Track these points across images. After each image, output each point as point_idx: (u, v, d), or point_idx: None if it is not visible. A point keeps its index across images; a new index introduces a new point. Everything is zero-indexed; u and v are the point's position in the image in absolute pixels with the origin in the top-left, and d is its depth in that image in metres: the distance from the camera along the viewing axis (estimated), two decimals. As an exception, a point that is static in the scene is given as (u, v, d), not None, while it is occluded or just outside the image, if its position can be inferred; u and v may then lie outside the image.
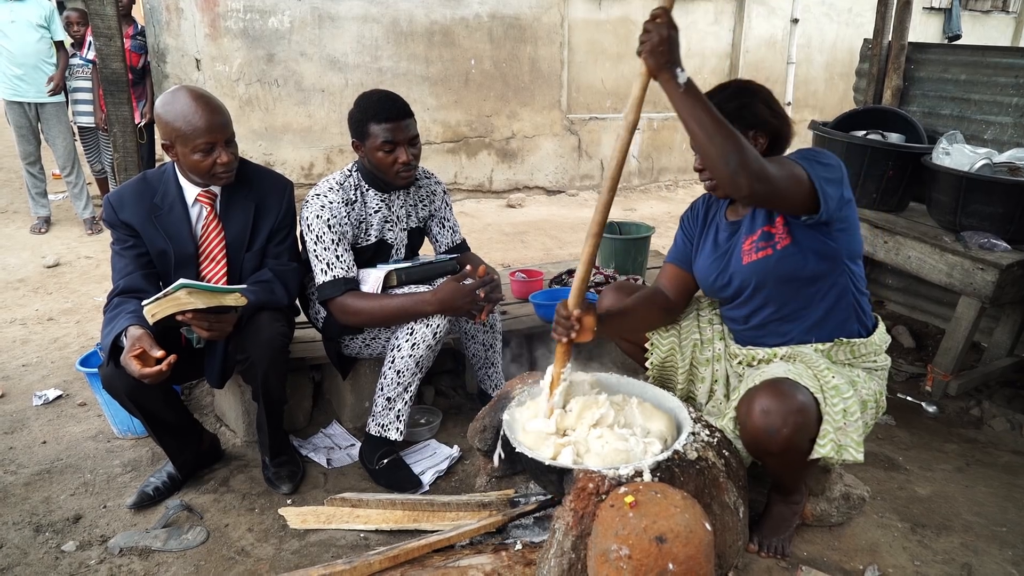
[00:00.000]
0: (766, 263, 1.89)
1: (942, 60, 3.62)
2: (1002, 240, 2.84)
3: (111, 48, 2.61)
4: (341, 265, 2.27)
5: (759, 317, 2.00)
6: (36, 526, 2.15)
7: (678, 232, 2.21)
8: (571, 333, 1.86)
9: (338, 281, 2.26)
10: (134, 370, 1.89)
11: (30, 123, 5.30)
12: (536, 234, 5.80)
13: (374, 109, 2.25)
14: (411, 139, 2.30)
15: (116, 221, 2.15)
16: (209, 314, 1.98)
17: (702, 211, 2.15)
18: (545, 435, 1.85)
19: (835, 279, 1.91)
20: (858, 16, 8.22)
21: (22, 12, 5.09)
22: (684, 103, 1.61)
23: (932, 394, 3.05)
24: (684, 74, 1.61)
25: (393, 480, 2.33)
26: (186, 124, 2.04)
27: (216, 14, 5.62)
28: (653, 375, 2.22)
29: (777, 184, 1.67)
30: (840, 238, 1.86)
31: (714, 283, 2.05)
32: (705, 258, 2.08)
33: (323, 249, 2.26)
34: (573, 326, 1.86)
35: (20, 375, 3.20)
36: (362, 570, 1.80)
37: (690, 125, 1.63)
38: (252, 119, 5.94)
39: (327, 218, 2.27)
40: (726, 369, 2.15)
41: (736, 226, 2.00)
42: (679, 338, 2.18)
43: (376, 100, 2.27)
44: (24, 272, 4.63)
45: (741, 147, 1.61)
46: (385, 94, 2.30)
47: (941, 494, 2.35)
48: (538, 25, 6.72)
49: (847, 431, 1.76)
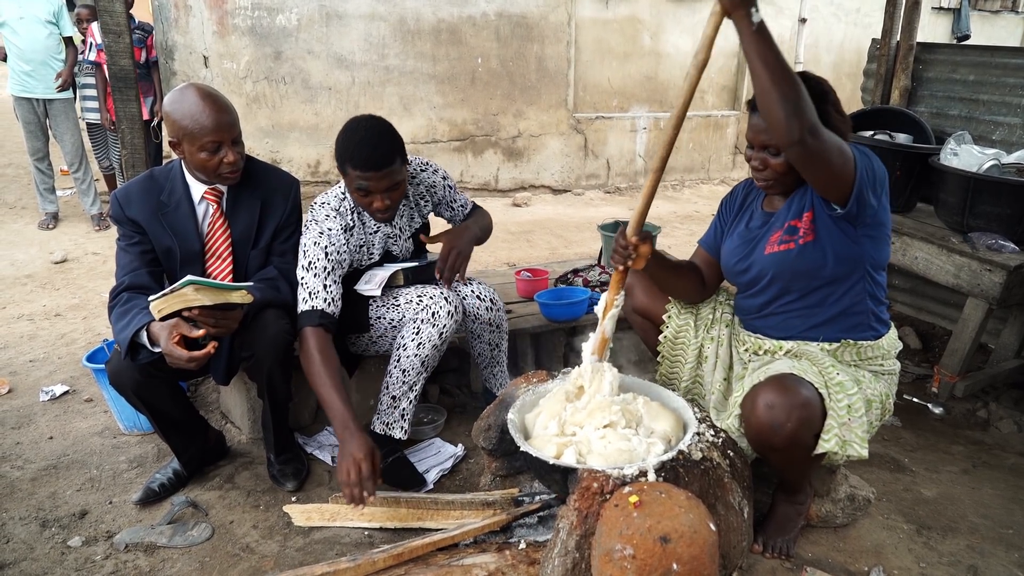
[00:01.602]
0: (786, 256, 1.91)
1: (950, 60, 3.60)
2: (1010, 241, 2.83)
3: (120, 45, 2.62)
4: (325, 295, 2.17)
5: (771, 308, 2.01)
6: (42, 521, 2.16)
7: (715, 217, 2.24)
8: (628, 261, 1.90)
9: (313, 312, 2.15)
10: (182, 355, 1.90)
11: (38, 119, 5.32)
12: (542, 233, 5.79)
13: (351, 152, 2.12)
14: (391, 187, 2.17)
15: (123, 217, 2.16)
16: (215, 311, 1.98)
17: (740, 196, 2.18)
18: (549, 437, 1.85)
19: (853, 283, 1.91)
20: (866, 16, 8.18)
21: (31, 8, 5.11)
22: (755, 43, 1.61)
23: (939, 395, 3.04)
24: (758, 14, 1.61)
25: (397, 478, 2.33)
26: (193, 122, 2.05)
27: (224, 11, 5.63)
28: (665, 352, 2.25)
29: (825, 146, 1.68)
30: (866, 243, 1.87)
31: (735, 266, 2.07)
32: (733, 241, 2.10)
33: (312, 276, 2.18)
34: (631, 253, 1.90)
35: (27, 371, 3.22)
36: (366, 568, 1.80)
37: (757, 66, 1.62)
38: (259, 116, 5.96)
39: (324, 245, 2.20)
40: (729, 355, 2.17)
41: (769, 217, 2.02)
42: (694, 318, 2.22)
43: (356, 143, 2.12)
44: (32, 268, 4.65)
45: (802, 97, 1.62)
46: (366, 137, 2.12)
47: (947, 496, 2.34)
48: (545, 24, 6.71)
49: (851, 427, 1.76)
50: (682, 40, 7.47)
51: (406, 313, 2.31)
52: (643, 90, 7.43)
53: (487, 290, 2.53)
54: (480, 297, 2.50)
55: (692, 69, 1.72)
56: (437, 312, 2.26)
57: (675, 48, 7.46)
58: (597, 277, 3.17)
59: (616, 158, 7.45)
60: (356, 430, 2.03)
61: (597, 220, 4.26)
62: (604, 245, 3.33)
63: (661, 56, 7.42)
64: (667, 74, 7.50)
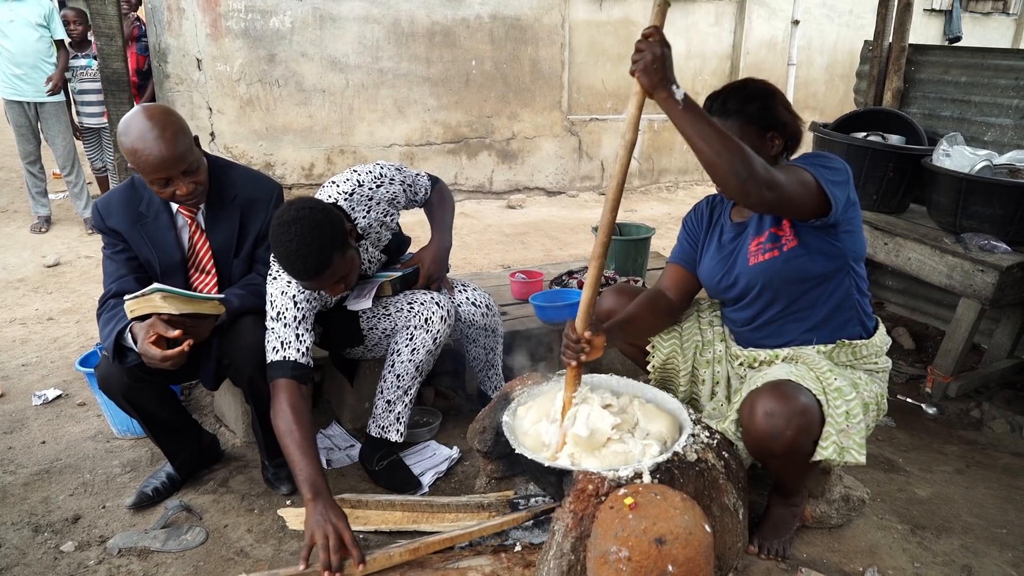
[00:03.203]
0: (772, 264, 1.90)
1: (942, 62, 3.62)
2: (1002, 242, 2.84)
3: (112, 48, 2.61)
4: (297, 346, 2.03)
5: (763, 318, 2.00)
6: (35, 526, 2.15)
7: (681, 232, 2.21)
8: (581, 356, 1.84)
9: (285, 363, 2.01)
10: (155, 355, 1.88)
11: (30, 122, 5.30)
12: (536, 235, 5.79)
13: (285, 266, 1.94)
14: (341, 278, 2.02)
15: (104, 227, 2.14)
16: (185, 318, 1.96)
17: (706, 212, 2.15)
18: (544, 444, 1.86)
19: (840, 280, 1.92)
20: (859, 18, 8.21)
21: (21, 11, 5.08)
22: (684, 119, 1.60)
23: (932, 396, 3.05)
24: (680, 90, 1.60)
25: (393, 481, 2.33)
26: (137, 158, 1.94)
27: (217, 14, 5.61)
28: (655, 378, 2.22)
29: (786, 190, 1.68)
30: (845, 239, 1.87)
31: (719, 284, 2.05)
32: (710, 259, 2.08)
33: (282, 327, 2.03)
34: (583, 348, 1.83)
35: (20, 375, 3.20)
36: (382, 562, 1.80)
37: (695, 141, 1.61)
38: (253, 119, 5.94)
39: (293, 295, 2.05)
40: (727, 371, 2.14)
41: (741, 227, 2.00)
42: (680, 340, 2.18)
43: (285, 259, 1.91)
44: (24, 271, 4.63)
45: (748, 157, 1.60)
46: (296, 251, 1.87)
47: (941, 496, 2.35)
48: (539, 26, 6.72)
49: (849, 433, 1.76)
50: (676, 42, 7.38)
51: (398, 321, 2.30)
52: (637, 92, 7.43)
53: (482, 295, 2.53)
54: (475, 303, 2.49)
55: (621, 151, 1.68)
56: (430, 318, 2.26)
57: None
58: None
59: (610, 160, 7.46)
60: (328, 497, 1.84)
61: (591, 222, 4.26)
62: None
63: (655, 58, 7.42)
64: (661, 76, 7.51)
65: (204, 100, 5.72)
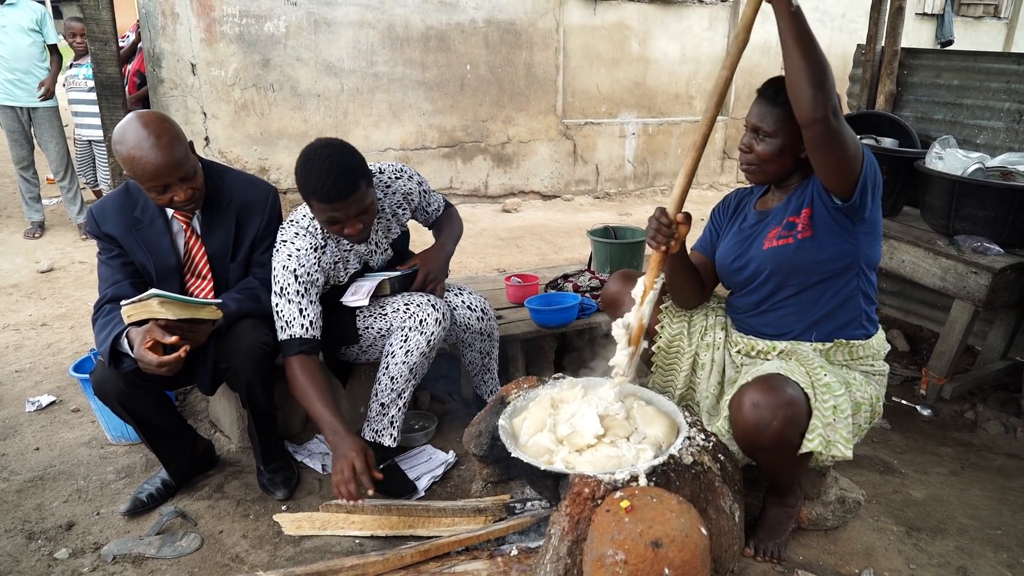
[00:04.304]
0: (784, 251, 1.93)
1: (935, 65, 3.64)
2: (995, 244, 2.85)
3: (106, 52, 2.61)
4: (301, 321, 2.13)
5: (767, 304, 2.02)
6: (28, 533, 2.14)
7: (707, 223, 2.25)
8: (671, 240, 1.86)
9: (292, 341, 2.13)
10: (152, 360, 1.88)
11: (23, 127, 5.29)
12: (531, 239, 5.80)
13: (312, 186, 2.00)
14: (360, 212, 2.06)
15: (99, 233, 2.14)
16: (182, 323, 1.96)
17: (733, 202, 2.20)
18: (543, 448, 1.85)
19: (848, 281, 1.93)
20: (851, 22, 8.26)
21: (13, 16, 5.08)
22: (792, 24, 1.66)
23: (927, 397, 3.06)
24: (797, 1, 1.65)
25: (388, 485, 2.32)
26: (133, 167, 1.95)
27: (212, 19, 5.61)
28: (659, 362, 2.24)
29: (844, 129, 1.72)
30: (863, 241, 1.90)
31: (731, 265, 2.08)
32: (728, 242, 2.12)
33: (286, 303, 2.13)
34: (673, 232, 1.86)
35: (13, 381, 3.18)
36: (394, 562, 1.86)
37: (791, 45, 1.67)
38: (248, 124, 5.94)
39: (293, 268, 2.14)
40: (724, 359, 2.17)
41: (764, 215, 2.04)
42: (688, 324, 2.21)
43: (316, 175, 1.98)
44: (18, 277, 4.61)
45: (829, 79, 1.67)
46: (327, 167, 1.97)
47: (936, 497, 2.36)
48: (533, 31, 6.73)
49: (836, 427, 1.77)
50: (670, 46, 7.51)
51: (394, 322, 2.30)
52: (631, 96, 7.46)
53: (478, 300, 2.53)
54: (471, 307, 2.49)
55: (733, 49, 1.77)
56: (425, 320, 2.25)
57: (663, 54, 7.50)
58: (587, 283, 3.17)
59: (605, 164, 7.48)
60: (346, 433, 2.05)
61: (587, 225, 4.27)
62: (594, 251, 3.33)
63: (649, 62, 7.45)
64: (655, 80, 7.54)
65: (198, 105, 5.71)
